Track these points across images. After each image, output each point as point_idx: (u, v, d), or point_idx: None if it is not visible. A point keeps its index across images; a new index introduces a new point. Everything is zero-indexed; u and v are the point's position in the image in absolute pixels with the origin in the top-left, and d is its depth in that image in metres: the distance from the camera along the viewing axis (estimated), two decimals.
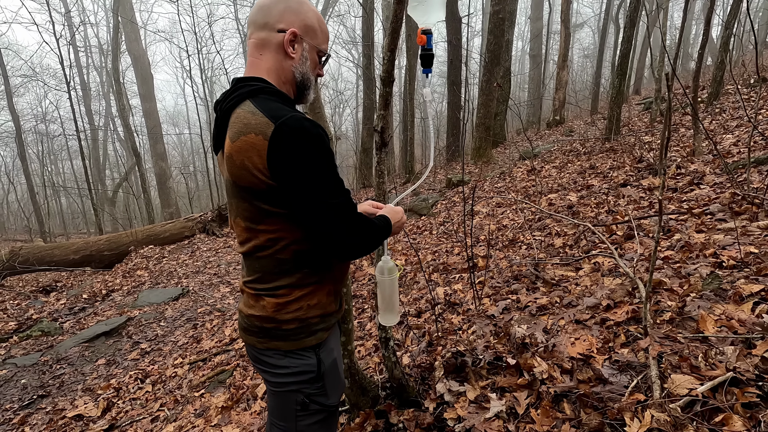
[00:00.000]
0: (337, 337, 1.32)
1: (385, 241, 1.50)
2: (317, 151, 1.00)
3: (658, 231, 1.57)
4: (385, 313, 1.45)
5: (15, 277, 9.39)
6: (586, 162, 6.17)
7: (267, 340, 1.15)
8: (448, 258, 3.90)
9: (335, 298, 1.23)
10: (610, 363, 1.73)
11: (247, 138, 1.01)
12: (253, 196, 1.07)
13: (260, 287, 1.15)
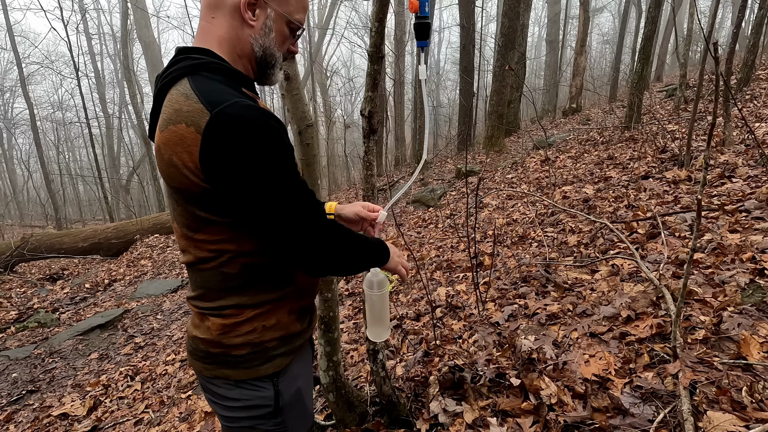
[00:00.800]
0: (307, 359, 1.10)
1: None
2: (266, 147, 0.78)
3: (695, 234, 1.30)
4: (374, 327, 1.22)
5: (30, 263, 9.46)
6: (604, 152, 5.82)
7: (214, 366, 0.94)
8: (453, 254, 3.65)
9: (302, 316, 1.02)
10: (631, 389, 1.48)
11: (177, 129, 0.79)
12: (187, 200, 0.86)
13: (204, 306, 0.94)
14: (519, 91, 12.50)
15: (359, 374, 2.36)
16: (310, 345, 1.14)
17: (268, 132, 0.79)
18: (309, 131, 1.66)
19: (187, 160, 0.79)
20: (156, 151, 0.86)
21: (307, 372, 1.09)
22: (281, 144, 0.81)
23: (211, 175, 0.79)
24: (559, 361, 1.73)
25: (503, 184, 5.94)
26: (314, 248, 0.85)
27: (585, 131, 8.55)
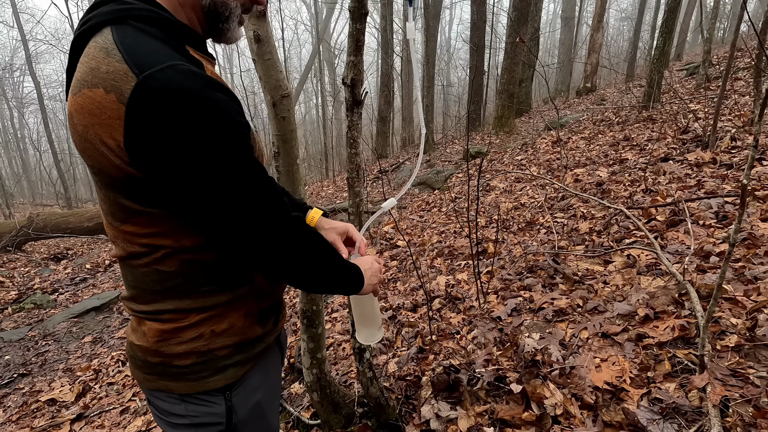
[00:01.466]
0: (271, 364, 0.93)
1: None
2: (209, 127, 0.61)
3: (737, 227, 1.08)
4: (364, 329, 1.05)
5: (40, 242, 9.48)
6: (619, 133, 5.50)
7: (155, 378, 0.79)
8: (456, 240, 3.45)
9: (263, 318, 0.85)
10: (648, 402, 1.29)
11: (93, 94, 0.62)
12: (108, 185, 0.69)
13: (138, 309, 0.78)
14: (531, 69, 12.02)
15: (350, 369, 2.21)
16: (278, 345, 0.97)
17: (211, 107, 0.61)
18: (285, 103, 1.45)
19: (105, 136, 0.62)
20: (68, 120, 0.68)
21: (272, 380, 0.92)
22: (229, 122, 0.63)
23: (138, 159, 0.62)
24: (567, 365, 1.55)
25: (512, 166, 5.68)
26: (272, 247, 0.70)
27: (599, 111, 8.16)
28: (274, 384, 0.93)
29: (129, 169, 0.63)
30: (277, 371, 0.95)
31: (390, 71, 13.32)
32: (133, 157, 0.61)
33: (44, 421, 2.79)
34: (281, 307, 0.94)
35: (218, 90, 0.63)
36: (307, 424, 1.93)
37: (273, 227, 0.69)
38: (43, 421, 2.80)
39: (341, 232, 1.02)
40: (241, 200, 0.65)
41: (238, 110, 0.66)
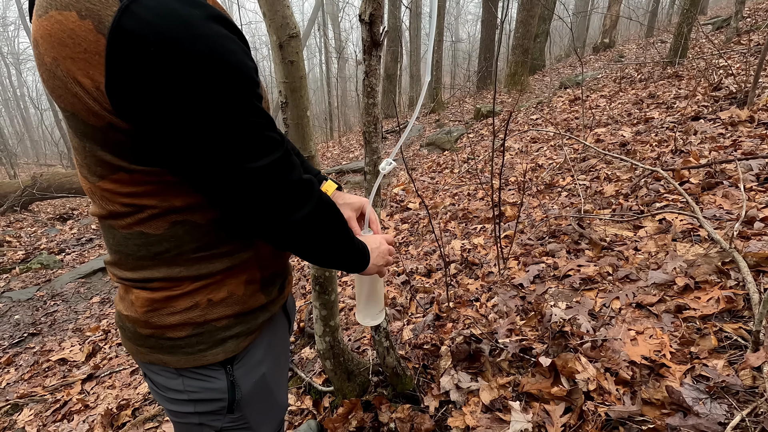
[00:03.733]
0: (278, 334, 0.84)
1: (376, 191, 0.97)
2: (216, 68, 0.49)
3: None
4: (365, 308, 0.96)
5: (46, 202, 9.46)
6: (642, 90, 5.20)
7: (147, 351, 0.71)
8: (470, 203, 3.31)
9: (267, 285, 0.75)
10: (693, 380, 1.18)
11: (63, 18, 0.48)
12: (83, 135, 0.57)
13: (123, 276, 0.67)
14: (547, 23, 11.38)
15: (362, 335, 2.13)
16: (285, 314, 0.87)
17: (215, 44, 0.48)
18: (293, 44, 1.27)
19: (79, 74, 0.48)
20: (33, 47, 0.53)
21: (278, 352, 0.83)
22: (236, 64, 0.51)
23: (123, 105, 0.49)
24: (598, 337, 1.44)
25: (527, 125, 5.43)
26: (280, 213, 0.61)
27: (619, 68, 7.74)
28: (281, 356, 0.84)
29: (110, 117, 0.50)
30: (284, 342, 0.86)
31: (398, 24, 12.67)
32: (115, 103, 0.48)
33: (56, 380, 2.80)
34: (288, 273, 0.84)
35: (221, 22, 0.49)
36: (320, 391, 1.88)
37: (283, 190, 0.60)
38: (55, 380, 2.80)
39: (357, 207, 0.94)
40: (248, 158, 0.55)
41: (245, 50, 0.53)
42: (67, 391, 2.59)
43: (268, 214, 0.60)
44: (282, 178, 0.59)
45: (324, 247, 0.68)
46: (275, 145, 0.58)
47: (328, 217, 0.67)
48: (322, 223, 0.66)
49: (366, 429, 1.55)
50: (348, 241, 0.73)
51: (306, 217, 0.63)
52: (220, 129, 0.51)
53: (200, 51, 0.47)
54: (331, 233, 0.68)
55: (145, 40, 0.44)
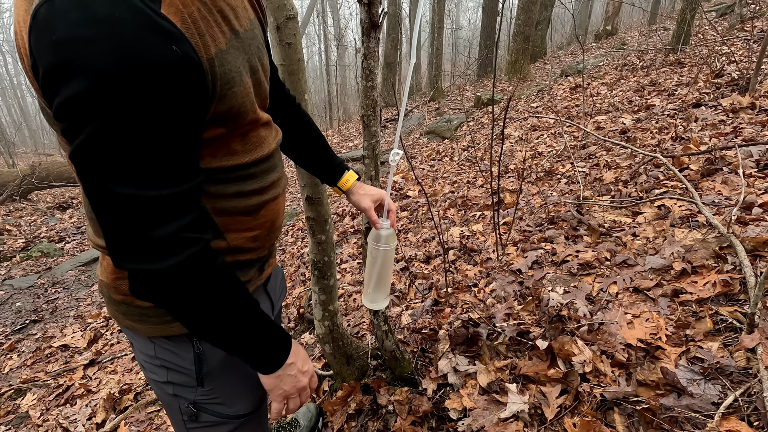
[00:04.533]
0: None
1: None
2: (114, 73, 0.44)
3: None
4: (373, 292, 1.02)
5: (45, 191, 9.44)
6: (644, 78, 5.16)
7: (121, 316, 0.74)
8: (470, 191, 3.30)
9: (241, 267, 0.76)
10: (688, 362, 1.20)
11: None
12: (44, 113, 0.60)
13: (96, 241, 0.71)
14: (549, 10, 11.24)
15: (361, 320, 2.15)
16: (266, 293, 0.88)
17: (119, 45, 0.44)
18: (290, 26, 1.26)
19: (23, 50, 0.50)
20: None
21: None
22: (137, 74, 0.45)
23: (41, 89, 0.48)
24: (595, 320, 1.45)
25: (527, 113, 5.39)
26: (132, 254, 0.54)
27: (621, 56, 7.66)
28: None
29: (42, 99, 0.50)
30: None
31: (398, 11, 12.51)
32: (40, 86, 0.48)
33: (58, 366, 2.83)
34: (269, 256, 0.85)
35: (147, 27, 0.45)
36: (319, 375, 1.90)
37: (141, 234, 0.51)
38: (57, 366, 2.83)
39: (376, 199, 0.97)
40: (115, 180, 0.48)
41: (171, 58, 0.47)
42: (69, 377, 2.62)
43: (119, 249, 0.53)
44: (146, 220, 0.51)
45: (198, 317, 0.59)
46: (162, 179, 0.51)
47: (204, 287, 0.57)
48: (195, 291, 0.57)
49: (365, 411, 1.57)
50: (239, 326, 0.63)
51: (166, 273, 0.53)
52: (101, 140, 0.46)
53: (99, 52, 0.43)
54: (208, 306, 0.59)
55: (50, 29, 0.43)
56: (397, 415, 1.48)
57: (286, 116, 0.96)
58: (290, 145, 0.99)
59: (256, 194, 0.71)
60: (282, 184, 0.79)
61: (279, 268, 1.02)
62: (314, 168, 1.03)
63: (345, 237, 3.44)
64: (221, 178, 0.65)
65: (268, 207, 0.74)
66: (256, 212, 0.72)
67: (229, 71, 0.58)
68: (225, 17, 0.59)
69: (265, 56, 0.73)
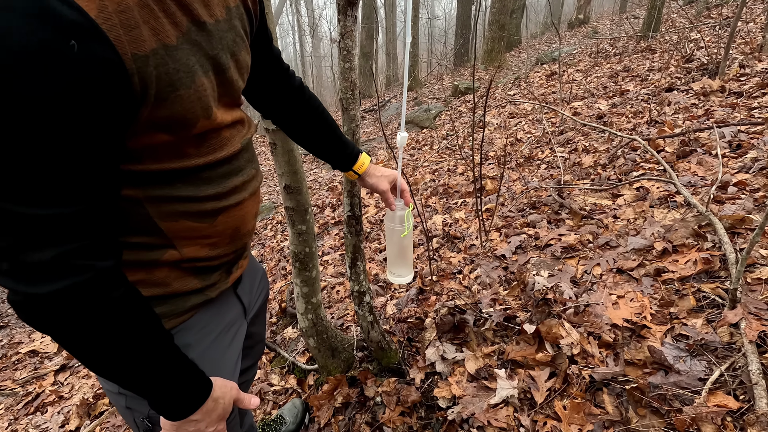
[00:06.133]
0: (220, 320, 0.77)
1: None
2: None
3: None
4: (394, 266, 1.05)
5: None
6: (617, 64, 5.24)
7: None
8: (450, 178, 3.29)
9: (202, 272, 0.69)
10: (673, 339, 1.20)
11: None
12: None
13: None
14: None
15: (345, 312, 2.11)
16: (236, 297, 0.82)
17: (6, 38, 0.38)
18: None
19: None
20: None
21: (220, 336, 0.76)
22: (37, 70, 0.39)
23: None
24: (581, 302, 1.45)
25: (506, 101, 5.41)
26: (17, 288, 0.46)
27: (594, 44, 7.77)
28: (220, 342, 0.76)
29: None
30: (229, 327, 0.78)
31: (372, 1, 12.36)
32: None
33: (26, 372, 2.68)
34: (238, 258, 0.77)
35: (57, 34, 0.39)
36: (304, 369, 1.86)
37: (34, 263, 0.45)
38: (26, 372, 2.69)
39: (392, 180, 0.97)
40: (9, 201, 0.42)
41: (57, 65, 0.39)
42: (39, 383, 2.49)
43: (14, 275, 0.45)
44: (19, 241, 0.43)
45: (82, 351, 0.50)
46: (44, 196, 0.43)
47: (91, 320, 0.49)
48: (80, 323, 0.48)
49: (352, 404, 1.54)
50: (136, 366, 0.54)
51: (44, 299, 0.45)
52: None
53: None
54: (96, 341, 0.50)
55: None
56: (385, 406, 1.45)
57: (290, 101, 0.90)
58: (297, 131, 0.94)
59: (212, 200, 0.63)
60: (251, 187, 0.71)
61: (257, 267, 0.96)
62: (325, 154, 0.97)
63: (326, 229, 3.38)
64: (166, 180, 0.58)
65: (229, 213, 0.66)
66: (213, 218, 0.64)
67: (174, 71, 0.50)
68: (184, 5, 0.51)
69: (244, 50, 0.65)
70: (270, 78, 0.86)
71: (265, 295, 0.97)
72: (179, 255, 0.63)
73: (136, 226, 0.59)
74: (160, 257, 0.62)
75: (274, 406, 1.79)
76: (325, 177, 5.90)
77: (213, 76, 0.59)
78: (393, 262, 1.04)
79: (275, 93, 0.88)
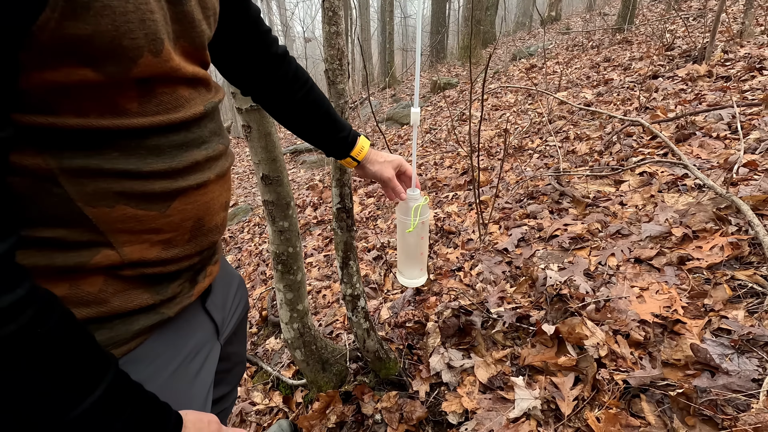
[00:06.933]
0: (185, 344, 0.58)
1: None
2: None
3: None
4: (404, 266, 0.91)
5: None
6: (597, 55, 5.21)
7: None
8: (438, 172, 3.13)
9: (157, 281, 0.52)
10: (713, 335, 1.07)
11: None
12: None
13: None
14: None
15: (334, 318, 1.91)
16: (205, 313, 0.63)
17: None
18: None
19: None
20: None
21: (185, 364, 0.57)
22: None
23: None
24: (600, 297, 1.31)
25: (487, 95, 5.32)
26: None
27: (570, 38, 7.81)
28: (184, 373, 0.56)
29: None
30: (196, 352, 0.59)
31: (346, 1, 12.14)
32: None
33: None
34: (209, 260, 0.60)
35: None
36: (290, 385, 1.65)
37: None
38: None
39: (396, 165, 0.82)
40: None
41: None
42: None
43: None
44: None
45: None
46: None
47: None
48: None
49: (348, 424, 1.35)
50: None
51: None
52: None
53: None
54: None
55: None
56: (386, 425, 1.27)
57: (271, 71, 0.72)
58: (281, 110, 0.76)
59: (162, 177, 0.46)
60: (217, 166, 0.55)
61: (232, 274, 0.76)
62: (316, 138, 0.80)
63: (308, 229, 3.17)
64: (93, 143, 0.40)
65: (187, 199, 0.50)
66: (164, 204, 0.48)
67: None
68: None
69: None
70: (245, 39, 0.67)
71: (243, 308, 0.78)
72: (118, 257, 0.45)
73: (48, 214, 0.40)
74: (88, 260, 0.43)
75: (257, 428, 1.58)
76: (303, 177, 5.67)
77: (164, 3, 0.42)
78: (401, 260, 0.92)
79: (252, 60, 0.70)
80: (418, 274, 0.90)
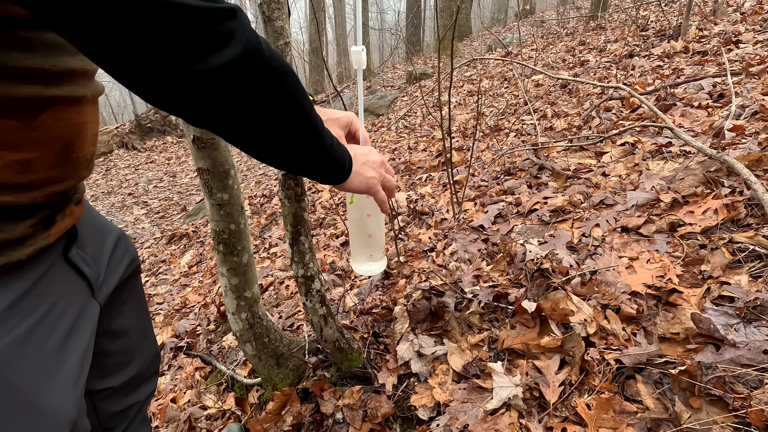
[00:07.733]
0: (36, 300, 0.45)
1: None
2: None
3: None
4: (355, 252, 0.80)
5: None
6: (572, 41, 5.16)
7: None
8: (412, 156, 2.97)
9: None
10: (714, 304, 0.93)
11: None
12: None
13: None
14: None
15: (296, 309, 1.73)
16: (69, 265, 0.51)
17: None
18: None
19: None
20: None
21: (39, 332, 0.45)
22: None
23: None
24: (585, 269, 1.16)
25: (462, 82, 5.20)
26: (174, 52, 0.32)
27: (545, 29, 7.78)
28: (43, 336, 0.44)
29: None
30: (62, 313, 0.47)
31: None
32: None
33: None
34: (68, 199, 0.50)
35: None
36: (245, 384, 1.47)
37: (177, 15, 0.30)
38: None
39: (344, 124, 0.69)
40: None
41: None
42: None
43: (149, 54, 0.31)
44: None
45: (260, 123, 0.40)
46: None
47: (270, 76, 0.38)
48: (259, 84, 0.37)
49: (305, 425, 1.17)
50: (308, 125, 0.45)
51: (225, 68, 0.34)
52: None
53: None
54: (274, 104, 0.40)
55: None
56: (348, 424, 1.10)
57: None
58: None
59: (32, 79, 0.39)
60: (93, 85, 0.48)
61: (107, 227, 0.63)
62: None
63: (274, 219, 2.97)
64: None
65: (58, 113, 0.43)
66: (31, 114, 0.40)
67: None
68: None
69: None
70: None
71: (129, 265, 0.62)
72: None
73: None
74: None
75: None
76: (276, 172, 5.45)
77: None
78: (351, 243, 0.81)
79: None
80: (367, 259, 0.77)
